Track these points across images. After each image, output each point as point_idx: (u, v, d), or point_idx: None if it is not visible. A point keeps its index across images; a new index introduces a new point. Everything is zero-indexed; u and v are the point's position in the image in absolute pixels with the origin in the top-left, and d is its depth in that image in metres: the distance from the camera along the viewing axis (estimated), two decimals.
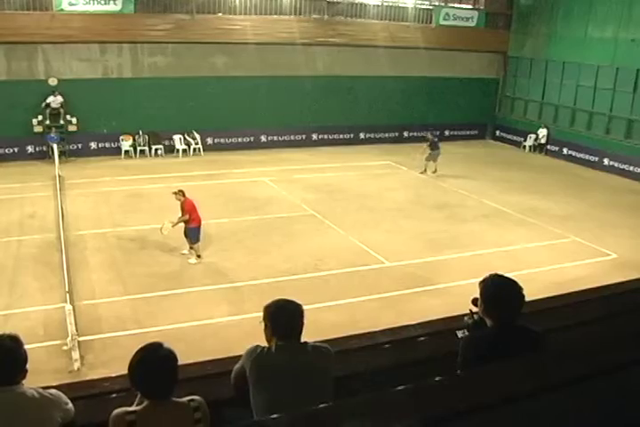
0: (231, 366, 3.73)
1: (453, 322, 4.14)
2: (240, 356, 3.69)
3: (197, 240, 13.66)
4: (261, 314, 3.74)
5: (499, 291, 3.52)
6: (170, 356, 3.17)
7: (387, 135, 27.98)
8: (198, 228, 13.60)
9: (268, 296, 4.01)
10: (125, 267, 13.35)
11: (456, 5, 28.35)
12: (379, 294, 12.09)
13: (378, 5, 26.75)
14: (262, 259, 13.87)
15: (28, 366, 3.30)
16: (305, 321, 3.73)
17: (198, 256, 13.68)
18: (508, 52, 29.28)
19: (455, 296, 10.76)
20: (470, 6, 28.82)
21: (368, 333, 4.55)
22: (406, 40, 26.64)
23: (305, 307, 3.78)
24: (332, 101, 26.17)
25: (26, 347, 3.34)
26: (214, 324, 10.81)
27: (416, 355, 4.25)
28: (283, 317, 3.69)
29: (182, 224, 13.61)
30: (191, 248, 13.78)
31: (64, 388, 3.51)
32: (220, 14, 24.31)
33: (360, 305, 11.62)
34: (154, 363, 3.13)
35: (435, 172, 22.11)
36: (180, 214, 13.51)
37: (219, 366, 4.01)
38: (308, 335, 3.75)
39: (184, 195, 13.48)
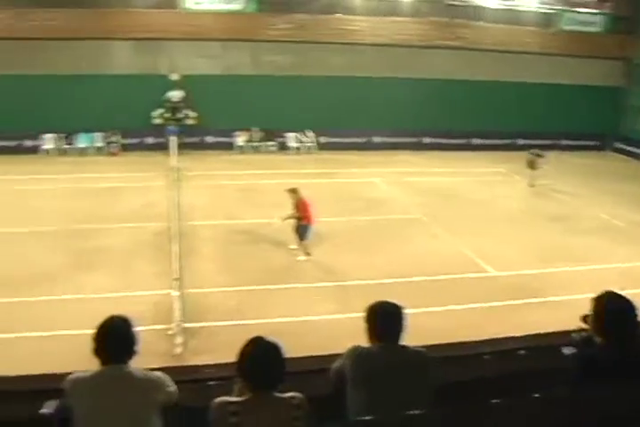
0: (330, 363, 3.76)
1: (558, 337, 4.02)
2: (340, 354, 3.72)
3: (305, 238, 13.80)
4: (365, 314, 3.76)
5: (613, 309, 3.38)
6: (279, 350, 3.23)
7: (500, 142, 27.22)
8: (309, 226, 13.75)
9: (373, 297, 4.03)
10: (235, 259, 13.69)
11: (580, 10, 27.23)
12: (483, 303, 11.83)
13: (497, 8, 26.14)
14: (370, 259, 13.85)
15: (137, 347, 3.46)
16: (405, 324, 3.72)
17: (307, 253, 13.81)
18: (633, 58, 27.89)
19: (563, 311, 10.37)
20: (594, 10, 27.46)
21: (469, 342, 4.49)
22: (525, 44, 25.98)
23: (407, 311, 3.77)
24: (446, 105, 25.83)
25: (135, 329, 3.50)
26: (317, 321, 10.89)
27: (516, 368, 4.15)
28: (383, 319, 3.72)
29: (293, 220, 13.79)
30: (300, 245, 13.94)
31: (168, 371, 3.64)
32: (339, 15, 24.51)
33: (463, 313, 11.41)
34: (262, 355, 3.19)
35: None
36: (292, 211, 13.73)
37: (318, 363, 4.06)
38: (407, 339, 3.74)
39: (298, 193, 13.73)
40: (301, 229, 13.72)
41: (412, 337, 3.86)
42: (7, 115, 22.47)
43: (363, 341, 3.74)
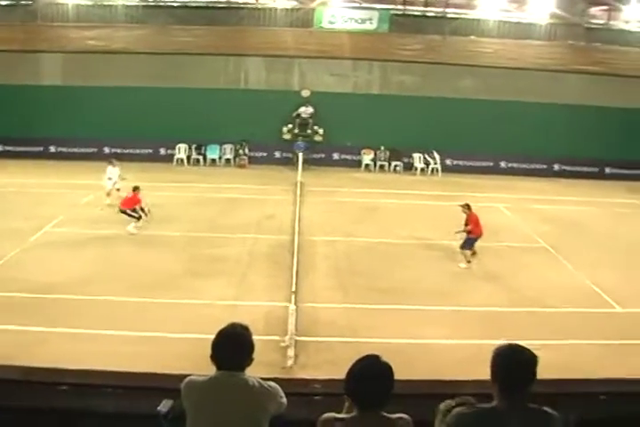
0: (440, 388, 3.68)
1: None
2: (448, 381, 3.63)
3: (468, 248, 14.67)
4: (481, 342, 3.66)
5: None
6: (388, 370, 3.18)
7: (637, 172, 25.89)
8: (475, 239, 14.64)
9: (489, 325, 3.94)
10: (350, 276, 13.75)
11: None
12: (603, 340, 11.19)
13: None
14: (487, 287, 13.56)
15: (253, 356, 3.55)
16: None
17: (468, 262, 14.63)
18: None
19: None
20: None
21: (583, 380, 4.28)
22: None
23: (522, 342, 3.53)
24: (579, 132, 24.80)
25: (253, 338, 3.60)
26: (430, 344, 10.65)
27: (634, 412, 3.90)
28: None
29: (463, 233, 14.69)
30: (462, 253, 14.76)
31: (277, 382, 3.70)
32: (473, 37, 24.29)
33: (580, 349, 10.87)
34: (372, 374, 3.15)
35: None
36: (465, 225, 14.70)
37: (427, 387, 4.00)
38: None
39: (470, 209, 14.84)
40: (468, 239, 14.63)
41: None
42: (146, 124, 23.92)
43: (475, 367, 3.60)
